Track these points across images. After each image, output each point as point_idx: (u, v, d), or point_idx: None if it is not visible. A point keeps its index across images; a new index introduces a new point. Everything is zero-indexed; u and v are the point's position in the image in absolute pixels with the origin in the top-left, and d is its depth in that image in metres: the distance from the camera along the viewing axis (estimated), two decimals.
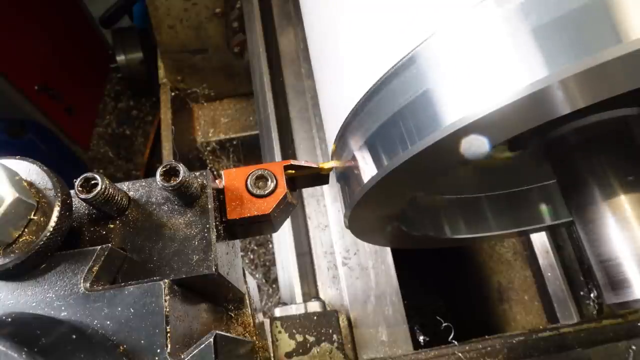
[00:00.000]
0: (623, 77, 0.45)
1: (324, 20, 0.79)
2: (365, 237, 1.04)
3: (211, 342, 0.48)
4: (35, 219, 0.52)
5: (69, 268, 0.54)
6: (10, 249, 0.51)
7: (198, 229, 0.60)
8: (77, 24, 3.30)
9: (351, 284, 1.23)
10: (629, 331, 1.02)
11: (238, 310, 0.75)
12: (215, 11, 2.05)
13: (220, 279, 0.60)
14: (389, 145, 0.60)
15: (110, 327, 0.50)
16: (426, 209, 1.10)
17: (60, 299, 0.52)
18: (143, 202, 0.62)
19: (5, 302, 0.52)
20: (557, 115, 0.50)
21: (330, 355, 1.03)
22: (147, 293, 0.51)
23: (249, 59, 1.68)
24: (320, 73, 0.86)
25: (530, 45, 0.46)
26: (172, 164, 0.57)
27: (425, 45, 0.55)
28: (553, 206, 1.19)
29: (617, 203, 0.73)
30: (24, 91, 2.63)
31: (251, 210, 0.66)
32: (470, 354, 1.03)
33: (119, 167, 3.24)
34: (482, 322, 1.78)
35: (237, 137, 2.47)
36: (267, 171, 0.68)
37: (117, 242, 0.60)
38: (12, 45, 2.61)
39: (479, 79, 0.50)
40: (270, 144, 1.45)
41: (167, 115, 2.29)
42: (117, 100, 3.51)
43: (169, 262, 0.58)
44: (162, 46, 2.21)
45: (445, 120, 0.51)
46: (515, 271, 1.73)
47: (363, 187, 0.66)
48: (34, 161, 0.56)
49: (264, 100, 1.53)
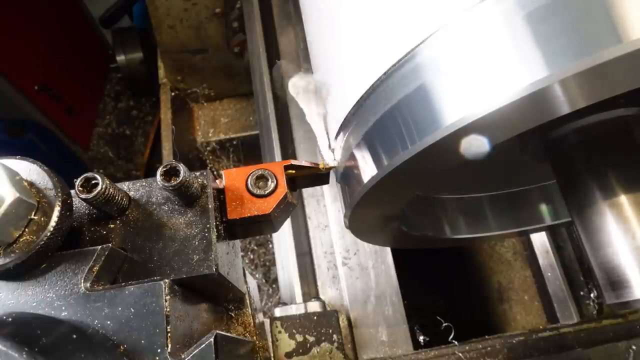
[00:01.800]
0: (623, 77, 0.45)
1: (324, 19, 0.79)
2: (365, 237, 1.04)
3: (211, 342, 0.48)
4: (36, 219, 0.52)
5: (70, 268, 0.54)
6: (11, 249, 0.51)
7: (198, 228, 0.60)
8: (77, 24, 3.30)
9: (351, 284, 1.23)
10: (629, 331, 1.02)
11: (238, 310, 0.75)
12: (215, 11, 2.05)
13: (221, 278, 0.60)
14: (389, 145, 0.60)
15: (110, 327, 0.50)
16: (426, 209, 1.10)
17: (60, 299, 0.52)
18: (143, 202, 0.62)
19: (5, 301, 0.52)
20: (557, 115, 0.50)
21: (330, 355, 1.03)
22: (148, 293, 0.51)
23: (249, 59, 1.68)
24: (321, 73, 0.86)
25: (530, 45, 0.47)
26: (173, 164, 0.57)
27: (426, 45, 0.55)
28: (553, 206, 1.19)
29: (617, 203, 0.73)
30: (24, 91, 2.62)
31: (251, 210, 0.66)
32: (470, 354, 1.03)
33: (119, 167, 3.24)
34: (482, 322, 1.78)
35: (237, 137, 2.46)
36: (268, 171, 0.68)
37: (118, 242, 0.60)
38: (12, 45, 2.61)
39: (479, 78, 0.50)
40: (270, 144, 1.45)
41: (167, 115, 2.28)
42: (117, 100, 3.51)
43: (169, 262, 0.58)
44: (162, 46, 2.21)
45: (445, 120, 0.51)
46: (515, 271, 1.73)
47: (363, 187, 0.66)
48: (34, 161, 0.56)
49: (264, 100, 1.52)
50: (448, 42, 0.53)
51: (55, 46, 3.02)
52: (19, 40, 2.68)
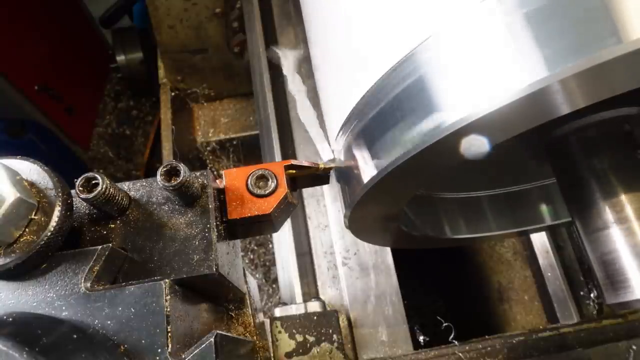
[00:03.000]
0: (623, 77, 0.46)
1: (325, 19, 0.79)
2: (365, 237, 1.04)
3: (212, 342, 0.48)
4: (36, 219, 0.53)
5: (70, 268, 0.54)
6: (11, 249, 0.51)
7: (199, 228, 0.60)
8: (77, 24, 3.30)
9: (351, 284, 1.23)
10: (629, 331, 1.02)
11: (238, 310, 0.75)
12: (215, 11, 2.05)
13: (221, 278, 0.60)
14: (389, 145, 0.60)
15: (111, 326, 0.50)
16: (426, 209, 1.10)
17: (61, 299, 0.52)
18: (144, 202, 0.62)
19: (6, 301, 0.52)
20: (557, 115, 0.50)
21: (330, 355, 1.03)
22: (148, 293, 0.51)
23: (249, 59, 1.68)
24: (321, 73, 0.86)
25: (530, 45, 0.47)
26: (173, 164, 0.57)
27: (426, 45, 0.55)
28: (553, 206, 1.19)
29: (617, 203, 0.73)
30: (24, 91, 2.62)
31: (252, 210, 0.66)
32: (470, 354, 1.03)
33: (119, 167, 3.24)
34: (482, 322, 1.78)
35: (237, 137, 2.46)
36: (268, 171, 0.68)
37: (118, 242, 0.60)
38: (12, 45, 2.61)
39: (479, 78, 0.50)
40: (270, 144, 1.45)
41: (167, 115, 2.28)
42: (117, 100, 3.51)
43: (169, 262, 0.58)
44: (162, 46, 2.21)
45: (446, 120, 0.51)
46: (515, 271, 1.73)
47: (363, 187, 0.66)
48: (35, 161, 0.56)
49: (264, 100, 1.52)
50: (448, 42, 0.53)
51: (55, 46, 3.02)
52: (19, 40, 2.68)
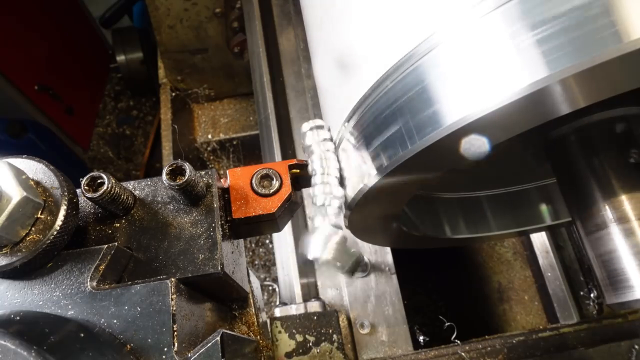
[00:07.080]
0: (623, 77, 0.46)
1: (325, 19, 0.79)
2: (365, 237, 1.04)
3: (218, 341, 0.48)
4: (42, 218, 0.53)
5: (76, 267, 0.54)
6: (18, 248, 0.52)
7: (204, 228, 0.60)
8: (77, 24, 3.30)
9: (351, 284, 1.23)
10: (630, 331, 1.03)
11: (242, 309, 0.75)
12: (215, 11, 2.06)
13: (226, 278, 0.60)
14: (389, 145, 0.60)
15: (117, 325, 0.50)
16: (426, 208, 1.11)
17: (67, 298, 0.52)
18: (149, 201, 0.63)
19: (12, 300, 0.52)
20: (557, 115, 0.50)
21: (330, 355, 1.03)
22: (154, 292, 0.51)
23: (249, 59, 1.69)
24: (321, 74, 0.86)
25: (530, 45, 0.47)
26: (179, 163, 0.58)
27: (426, 45, 0.56)
28: (553, 206, 1.19)
29: (617, 203, 0.73)
30: (24, 91, 2.63)
31: (256, 210, 0.66)
32: (471, 353, 1.04)
33: (119, 167, 3.24)
34: (482, 322, 1.78)
35: (237, 137, 2.47)
36: (272, 170, 0.68)
37: (123, 241, 0.60)
38: (12, 45, 2.61)
39: (479, 78, 0.50)
40: (270, 144, 1.46)
41: (167, 115, 2.29)
42: (117, 100, 3.51)
43: (174, 261, 0.58)
44: (162, 46, 2.21)
45: (446, 120, 0.52)
46: (515, 271, 1.73)
47: (363, 187, 0.67)
48: (40, 160, 0.56)
49: (264, 100, 1.53)
50: (448, 42, 0.54)
51: (55, 46, 3.02)
52: (19, 40, 2.68)
